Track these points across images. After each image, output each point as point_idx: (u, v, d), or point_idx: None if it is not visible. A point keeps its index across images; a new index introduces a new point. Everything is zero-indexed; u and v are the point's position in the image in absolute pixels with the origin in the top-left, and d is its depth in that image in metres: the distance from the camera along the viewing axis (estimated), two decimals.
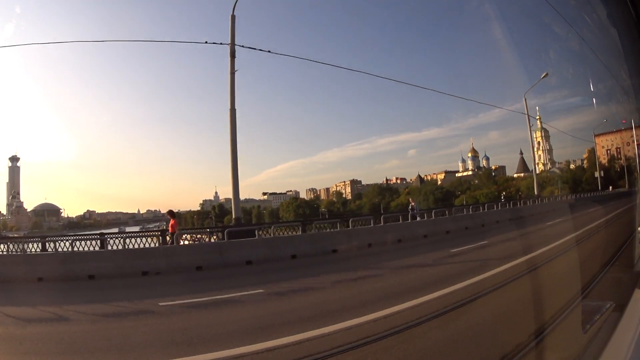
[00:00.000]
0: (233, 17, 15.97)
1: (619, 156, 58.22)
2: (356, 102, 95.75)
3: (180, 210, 73.63)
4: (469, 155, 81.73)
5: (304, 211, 70.15)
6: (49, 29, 71.89)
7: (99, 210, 75.43)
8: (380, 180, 79.67)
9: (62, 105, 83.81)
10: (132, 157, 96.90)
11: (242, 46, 16.58)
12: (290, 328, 4.79)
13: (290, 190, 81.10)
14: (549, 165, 70.09)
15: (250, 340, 4.43)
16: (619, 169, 53.43)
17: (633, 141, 52.28)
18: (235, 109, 15.78)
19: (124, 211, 75.43)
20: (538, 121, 68.26)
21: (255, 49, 18.67)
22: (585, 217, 15.75)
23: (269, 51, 19.16)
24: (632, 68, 2.91)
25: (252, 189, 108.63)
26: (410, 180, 79.47)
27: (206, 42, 17.32)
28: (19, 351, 4.66)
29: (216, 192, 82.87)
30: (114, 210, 76.29)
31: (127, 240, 12.07)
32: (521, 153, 77.68)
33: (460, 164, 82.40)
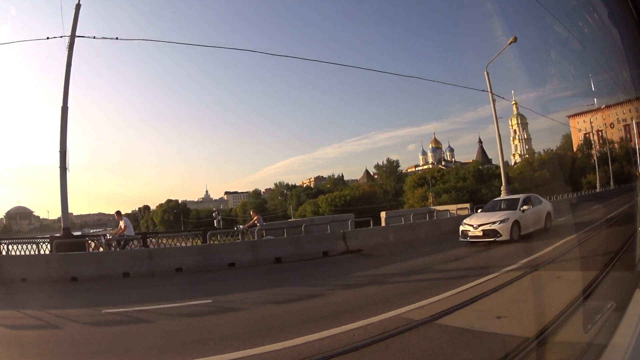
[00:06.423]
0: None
1: (600, 141, 48.18)
2: (355, 98, 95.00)
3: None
4: (430, 146, 74.64)
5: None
6: (46, 31, 68.65)
7: (82, 212, 73.14)
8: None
9: (50, 106, 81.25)
10: (125, 157, 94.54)
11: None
12: None
13: (255, 190, 76.49)
14: (526, 156, 62.15)
15: None
16: (596, 159, 41.72)
17: (619, 121, 42.40)
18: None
19: (106, 212, 73.52)
20: (514, 107, 61.26)
21: None
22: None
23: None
24: (632, 66, 2.93)
25: (251, 186, 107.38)
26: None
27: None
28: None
29: (207, 191, 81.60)
30: (95, 212, 74.28)
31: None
32: (480, 142, 70.92)
33: (420, 157, 75.22)
